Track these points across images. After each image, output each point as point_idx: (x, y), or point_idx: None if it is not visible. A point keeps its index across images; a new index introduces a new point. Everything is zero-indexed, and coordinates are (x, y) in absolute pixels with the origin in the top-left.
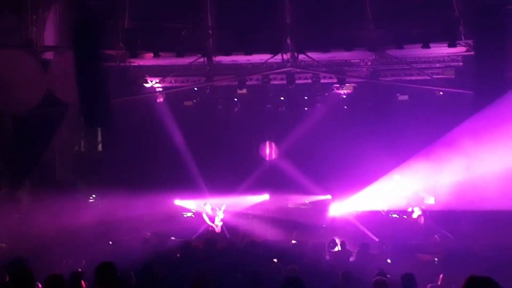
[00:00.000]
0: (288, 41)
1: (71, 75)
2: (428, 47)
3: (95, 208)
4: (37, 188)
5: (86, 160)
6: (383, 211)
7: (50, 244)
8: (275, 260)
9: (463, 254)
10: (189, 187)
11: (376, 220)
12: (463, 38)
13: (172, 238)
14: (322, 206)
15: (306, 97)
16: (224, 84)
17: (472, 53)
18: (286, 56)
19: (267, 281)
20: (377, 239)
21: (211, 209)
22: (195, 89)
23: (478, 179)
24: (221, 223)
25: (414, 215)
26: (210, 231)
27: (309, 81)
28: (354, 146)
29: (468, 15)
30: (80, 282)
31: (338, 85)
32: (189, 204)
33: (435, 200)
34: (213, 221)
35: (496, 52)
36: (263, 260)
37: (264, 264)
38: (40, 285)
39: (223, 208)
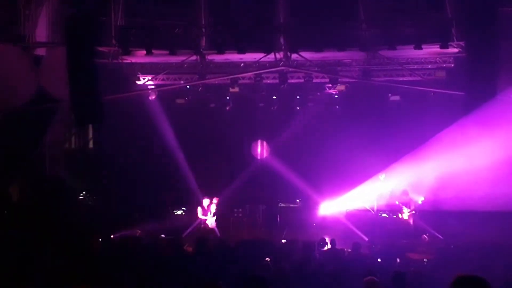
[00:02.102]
0: (281, 40)
1: (63, 72)
2: (420, 48)
3: (85, 205)
4: (27, 184)
5: (77, 157)
6: (373, 209)
7: (39, 242)
8: (267, 259)
9: (452, 254)
10: (180, 185)
11: (366, 219)
12: (455, 39)
13: (162, 235)
14: (312, 205)
15: (298, 97)
16: (216, 82)
17: (464, 54)
18: (279, 55)
19: None
20: (366, 239)
21: (207, 204)
22: (188, 87)
23: (467, 179)
24: (214, 217)
25: (404, 215)
26: (202, 228)
27: (302, 80)
28: (345, 145)
29: (460, 17)
30: None
31: (330, 85)
32: (180, 202)
33: (424, 200)
34: (206, 216)
35: (488, 54)
36: (253, 259)
37: (254, 263)
38: None
39: (214, 202)
